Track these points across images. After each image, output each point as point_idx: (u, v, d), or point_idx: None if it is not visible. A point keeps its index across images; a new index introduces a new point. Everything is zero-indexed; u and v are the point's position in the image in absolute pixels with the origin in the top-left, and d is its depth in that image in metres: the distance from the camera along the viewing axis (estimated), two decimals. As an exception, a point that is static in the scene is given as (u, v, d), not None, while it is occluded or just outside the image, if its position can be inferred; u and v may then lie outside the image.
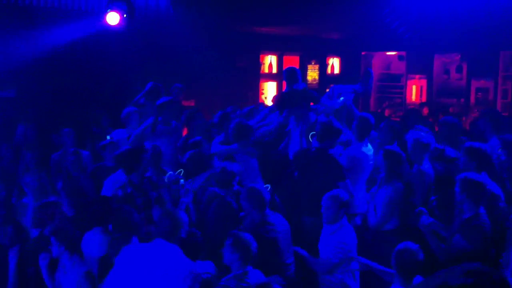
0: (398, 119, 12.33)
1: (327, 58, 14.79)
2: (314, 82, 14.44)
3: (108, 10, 8.79)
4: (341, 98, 7.68)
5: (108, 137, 7.43)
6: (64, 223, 5.21)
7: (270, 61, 14.05)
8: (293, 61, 14.40)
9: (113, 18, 8.79)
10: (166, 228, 4.57)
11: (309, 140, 7.23)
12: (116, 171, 6.13)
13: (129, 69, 10.15)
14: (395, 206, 5.88)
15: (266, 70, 14.05)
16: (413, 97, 13.90)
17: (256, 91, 13.72)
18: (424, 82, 13.60)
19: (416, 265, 4.32)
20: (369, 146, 6.71)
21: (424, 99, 13.51)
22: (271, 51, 13.97)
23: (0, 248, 5.29)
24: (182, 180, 6.21)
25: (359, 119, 6.64)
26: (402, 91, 13.96)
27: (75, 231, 5.02)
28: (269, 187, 6.02)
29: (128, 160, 5.94)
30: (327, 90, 8.33)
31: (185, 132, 8.20)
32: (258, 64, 13.81)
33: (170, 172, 6.41)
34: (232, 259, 4.47)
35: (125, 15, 8.84)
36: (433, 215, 5.54)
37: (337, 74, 14.97)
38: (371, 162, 6.64)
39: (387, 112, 12.35)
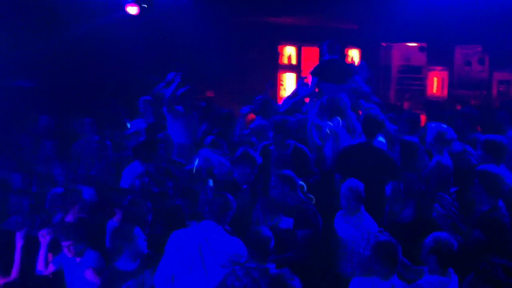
0: (418, 111, 12.25)
1: (346, 49, 14.67)
2: (333, 74, 14.34)
3: (128, 1, 8.83)
4: None
5: (128, 126, 7.49)
6: (83, 213, 5.31)
7: (289, 52, 13.99)
8: (312, 52, 14.31)
9: (132, 9, 8.84)
10: (216, 210, 4.72)
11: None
12: (134, 161, 6.19)
13: (148, 59, 10.19)
14: (409, 197, 5.88)
15: (286, 61, 14.00)
16: (434, 89, 13.74)
17: (275, 82, 13.67)
18: (445, 74, 13.44)
19: (454, 255, 4.42)
20: (381, 138, 6.55)
21: (445, 91, 13.36)
22: (290, 42, 13.91)
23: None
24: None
25: (366, 118, 6.19)
26: (422, 83, 13.80)
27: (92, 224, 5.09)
28: (305, 187, 5.77)
29: (144, 150, 5.98)
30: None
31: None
32: (277, 55, 13.77)
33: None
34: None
35: (144, 6, 8.88)
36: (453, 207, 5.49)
37: (356, 65, 14.83)
38: None
39: (406, 105, 12.21)
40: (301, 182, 5.58)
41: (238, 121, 7.25)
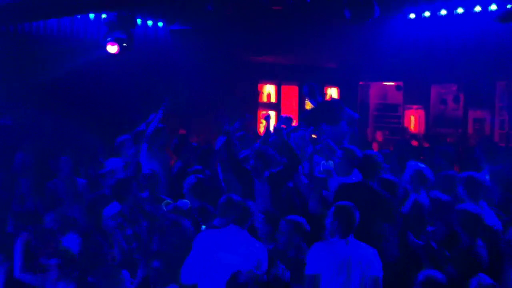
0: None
1: (325, 87, 14.86)
2: (313, 112, 14.49)
3: (108, 39, 8.87)
4: None
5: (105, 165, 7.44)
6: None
7: (268, 90, 14.13)
8: (291, 90, 14.48)
9: (112, 47, 8.87)
10: (236, 216, 4.97)
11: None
12: (113, 201, 6.16)
13: (127, 96, 10.20)
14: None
15: (265, 99, 14.12)
16: (412, 127, 13.94)
17: (255, 120, 13.75)
18: (421, 112, 13.65)
19: None
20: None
21: (422, 129, 13.55)
22: (269, 80, 14.06)
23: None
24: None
25: (364, 157, 6.13)
26: (399, 121, 14.00)
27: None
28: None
29: (120, 189, 5.95)
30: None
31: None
32: (257, 93, 13.89)
33: (167, 200, 6.39)
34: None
35: (124, 44, 8.92)
36: (429, 246, 5.52)
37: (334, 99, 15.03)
38: None
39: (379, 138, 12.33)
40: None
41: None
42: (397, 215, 5.81)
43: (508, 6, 6.76)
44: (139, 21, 10.30)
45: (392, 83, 14.18)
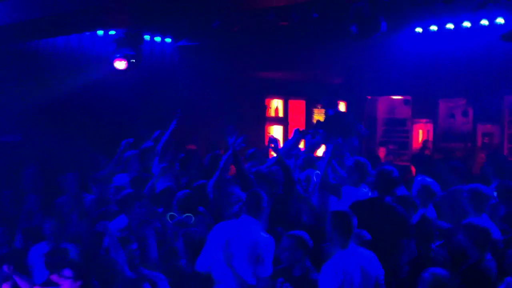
0: (404, 163, 12.34)
1: (333, 102, 14.89)
2: (320, 126, 14.50)
3: (116, 56, 8.93)
4: None
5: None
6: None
7: (276, 105, 14.15)
8: (299, 105, 14.50)
9: (120, 64, 8.93)
10: (252, 205, 5.25)
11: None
12: (120, 215, 6.17)
13: (135, 112, 10.25)
14: None
15: (273, 114, 14.15)
16: (420, 141, 13.89)
17: (262, 135, 13.77)
18: (430, 126, 13.61)
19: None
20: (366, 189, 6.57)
21: (430, 144, 13.48)
22: (277, 95, 14.09)
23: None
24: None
25: (379, 173, 6.02)
26: (408, 135, 13.95)
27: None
28: None
29: (127, 204, 5.98)
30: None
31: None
32: (264, 108, 13.92)
33: (173, 214, 6.38)
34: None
35: (132, 60, 8.98)
36: (437, 261, 5.48)
37: (345, 112, 15.03)
38: None
39: (389, 158, 12.29)
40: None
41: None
42: (412, 230, 5.78)
43: None
44: (147, 37, 10.39)
45: (400, 97, 14.16)
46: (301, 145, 8.56)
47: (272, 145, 7.57)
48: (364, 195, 6.32)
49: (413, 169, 11.04)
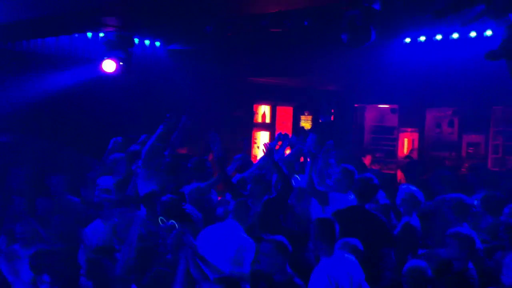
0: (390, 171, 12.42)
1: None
2: (308, 133, 14.54)
3: (105, 58, 8.91)
4: None
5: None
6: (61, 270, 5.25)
7: (263, 111, 14.18)
8: (286, 111, 14.54)
9: (109, 66, 8.90)
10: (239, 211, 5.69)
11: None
12: (96, 220, 6.19)
13: (124, 115, 10.21)
14: None
15: (260, 120, 14.17)
16: (405, 150, 13.99)
17: (249, 140, 13.78)
18: (416, 136, 13.71)
19: (425, 281, 4.63)
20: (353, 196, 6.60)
21: (415, 152, 13.58)
22: (264, 101, 14.12)
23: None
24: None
25: (359, 181, 6.13)
26: (394, 143, 14.05)
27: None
28: None
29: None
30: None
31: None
32: (252, 113, 13.94)
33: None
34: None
35: (121, 63, 8.96)
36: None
37: (332, 120, 15.10)
38: None
39: (376, 166, 12.36)
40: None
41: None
42: (393, 238, 5.82)
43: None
44: (136, 40, 10.36)
45: (387, 106, 14.26)
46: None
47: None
48: (351, 202, 6.36)
49: (399, 177, 11.17)
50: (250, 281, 5.16)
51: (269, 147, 7.02)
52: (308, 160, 6.84)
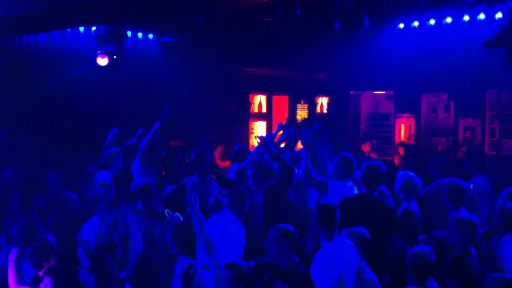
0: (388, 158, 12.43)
1: (316, 97, 14.91)
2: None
3: (98, 52, 8.87)
4: None
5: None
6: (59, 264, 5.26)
7: (259, 100, 14.14)
8: (282, 100, 14.51)
9: (102, 60, 8.87)
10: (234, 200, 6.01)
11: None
12: (94, 216, 6.18)
13: (118, 109, 10.18)
14: None
15: (256, 110, 14.13)
16: (402, 136, 13.99)
17: (246, 131, 13.76)
18: (412, 121, 13.70)
19: (429, 266, 4.67)
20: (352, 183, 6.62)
21: (412, 138, 13.59)
22: (260, 91, 14.08)
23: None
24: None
25: (367, 169, 6.05)
26: (391, 129, 14.04)
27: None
28: None
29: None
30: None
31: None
32: (248, 103, 13.90)
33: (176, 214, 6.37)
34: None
35: (114, 57, 8.92)
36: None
37: (326, 113, 15.07)
38: None
39: (373, 153, 12.35)
40: None
41: None
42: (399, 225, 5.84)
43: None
44: (129, 33, 10.31)
45: (382, 93, 14.24)
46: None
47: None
48: (350, 189, 6.36)
49: (396, 163, 11.18)
50: (256, 270, 5.11)
51: (264, 139, 7.02)
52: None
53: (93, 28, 9.70)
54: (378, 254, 5.32)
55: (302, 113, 14.73)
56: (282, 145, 8.41)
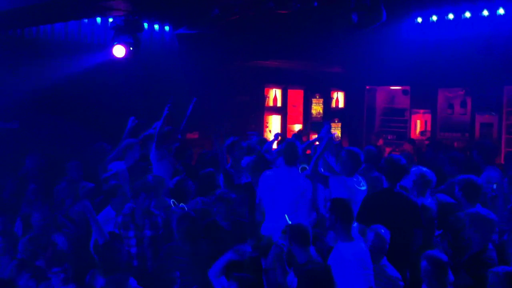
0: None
1: (331, 91, 14.85)
2: (319, 116, 14.47)
3: (115, 43, 8.88)
4: None
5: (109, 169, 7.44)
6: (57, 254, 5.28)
7: (274, 94, 14.11)
8: (297, 94, 14.46)
9: (119, 51, 8.88)
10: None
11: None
12: (107, 207, 6.19)
13: (134, 100, 10.21)
14: None
15: (271, 104, 14.09)
16: (417, 131, 13.90)
17: (261, 124, 13.74)
18: (428, 117, 13.60)
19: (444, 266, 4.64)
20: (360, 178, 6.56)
21: (428, 134, 13.49)
22: (275, 85, 14.04)
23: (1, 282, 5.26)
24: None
25: (387, 162, 5.97)
26: (406, 125, 13.95)
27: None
28: None
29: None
30: None
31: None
32: (263, 97, 13.87)
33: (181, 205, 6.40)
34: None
35: (131, 48, 8.93)
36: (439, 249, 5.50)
37: (341, 108, 15.01)
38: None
39: (388, 148, 12.27)
40: None
41: None
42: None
43: None
44: (145, 25, 10.33)
45: (399, 87, 14.14)
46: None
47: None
48: (351, 183, 6.30)
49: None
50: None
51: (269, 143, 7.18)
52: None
53: (110, 19, 9.72)
54: (400, 250, 5.29)
55: (317, 108, 14.67)
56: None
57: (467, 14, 9.83)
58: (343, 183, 6.13)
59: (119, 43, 8.84)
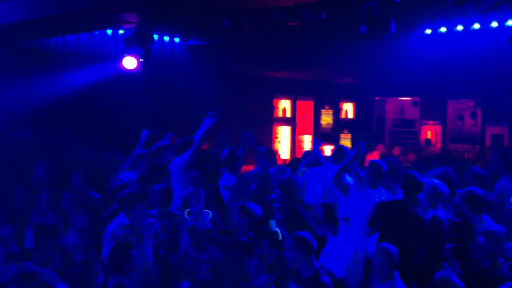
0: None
1: (340, 103, 14.87)
2: (328, 127, 14.48)
3: (125, 55, 8.94)
4: None
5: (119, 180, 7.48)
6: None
7: (284, 105, 14.14)
8: (307, 105, 14.49)
9: (130, 62, 8.93)
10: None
11: None
12: (119, 215, 6.22)
13: (144, 111, 10.27)
14: None
15: (280, 114, 14.13)
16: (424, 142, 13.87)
17: (270, 135, 13.77)
18: (438, 128, 13.57)
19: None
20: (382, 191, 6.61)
21: (438, 145, 13.46)
22: (285, 96, 14.08)
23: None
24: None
25: (406, 177, 6.07)
26: (416, 136, 13.92)
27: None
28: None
29: (128, 202, 6.07)
30: None
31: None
32: (272, 108, 13.91)
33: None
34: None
35: (141, 60, 8.99)
36: (448, 263, 5.48)
37: (351, 118, 15.01)
38: None
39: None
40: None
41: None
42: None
43: None
44: (155, 36, 10.40)
45: (408, 99, 14.13)
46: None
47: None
48: (379, 195, 6.35)
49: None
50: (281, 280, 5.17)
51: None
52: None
53: (121, 31, 9.81)
54: (405, 263, 5.27)
55: (326, 119, 14.70)
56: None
57: (476, 26, 9.78)
58: (367, 196, 6.19)
59: (130, 54, 8.90)
